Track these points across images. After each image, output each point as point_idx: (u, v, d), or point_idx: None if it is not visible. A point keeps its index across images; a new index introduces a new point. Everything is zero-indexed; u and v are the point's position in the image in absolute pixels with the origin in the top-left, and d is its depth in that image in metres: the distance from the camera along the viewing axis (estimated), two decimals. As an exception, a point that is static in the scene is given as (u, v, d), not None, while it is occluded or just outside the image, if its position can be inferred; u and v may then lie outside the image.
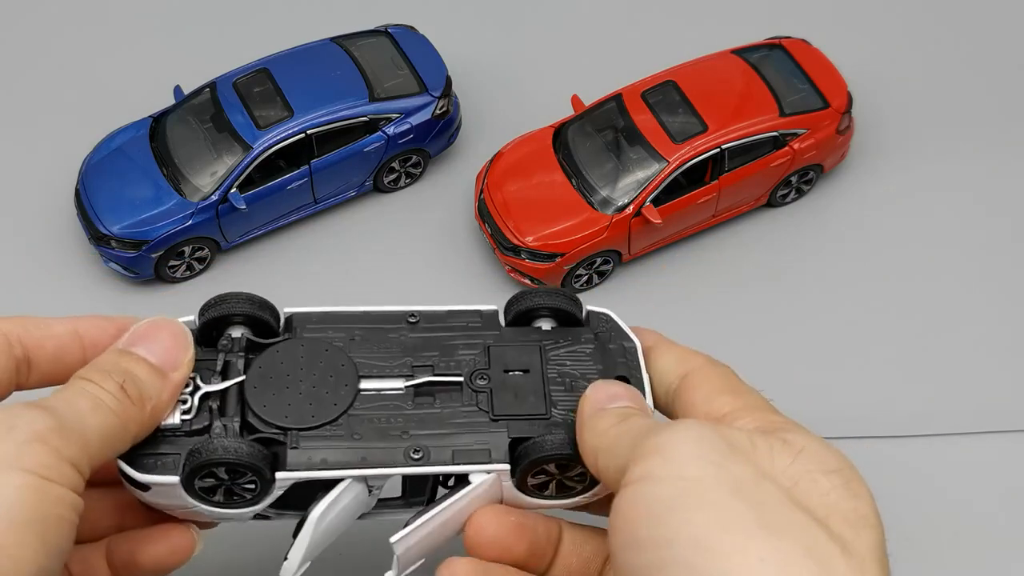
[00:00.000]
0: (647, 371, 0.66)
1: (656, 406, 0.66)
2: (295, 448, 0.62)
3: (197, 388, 0.63)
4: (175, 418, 0.62)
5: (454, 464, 0.62)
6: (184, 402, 0.62)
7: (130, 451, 0.61)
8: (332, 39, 1.17)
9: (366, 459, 0.62)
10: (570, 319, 0.68)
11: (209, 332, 0.65)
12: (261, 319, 0.65)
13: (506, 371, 0.65)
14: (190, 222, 1.08)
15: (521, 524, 0.64)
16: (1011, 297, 1.10)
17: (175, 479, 0.61)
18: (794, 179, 1.15)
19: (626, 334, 0.68)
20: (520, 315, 0.67)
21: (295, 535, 0.62)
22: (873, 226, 1.15)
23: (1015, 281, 1.11)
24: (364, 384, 0.64)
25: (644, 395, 0.65)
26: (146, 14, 1.29)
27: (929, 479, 0.98)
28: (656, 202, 1.08)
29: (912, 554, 0.66)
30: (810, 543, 0.49)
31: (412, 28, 1.20)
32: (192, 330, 0.64)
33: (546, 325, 0.68)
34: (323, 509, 0.61)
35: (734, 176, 1.10)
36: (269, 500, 0.62)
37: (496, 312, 0.68)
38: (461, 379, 0.65)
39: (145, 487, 0.61)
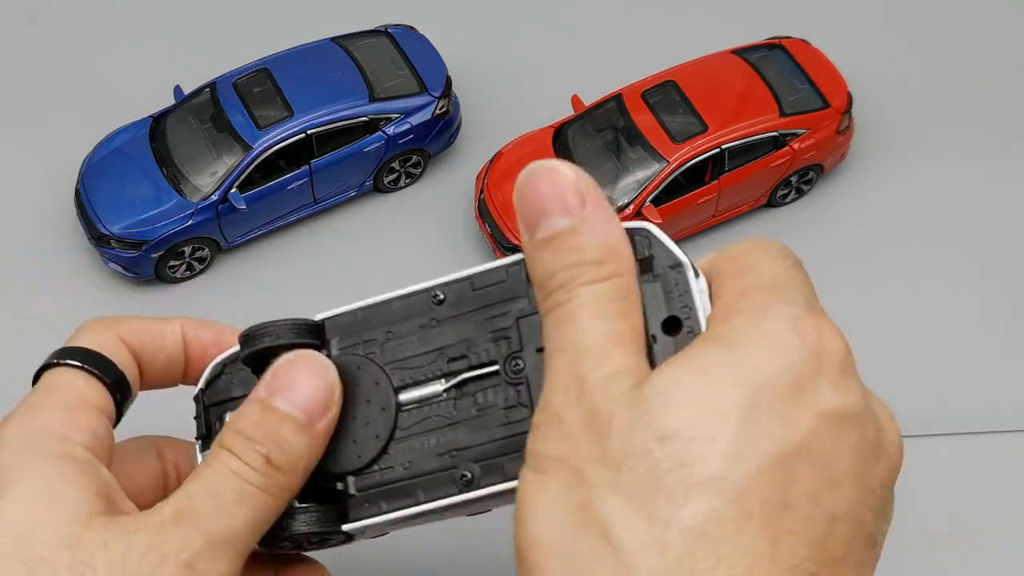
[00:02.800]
0: (705, 297, 0.51)
1: None
2: (352, 496, 0.61)
3: None
4: None
5: (504, 482, 0.61)
6: None
7: None
8: (332, 39, 1.17)
9: (420, 494, 0.61)
10: None
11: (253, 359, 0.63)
12: (304, 344, 0.61)
13: (539, 350, 0.64)
14: (190, 222, 1.08)
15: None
16: (1011, 297, 1.10)
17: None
18: (794, 179, 1.15)
19: (672, 253, 0.55)
20: None
21: None
22: (873, 226, 1.15)
23: (1015, 281, 1.11)
24: (403, 395, 0.63)
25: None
26: (146, 14, 1.29)
27: (929, 479, 0.98)
28: (656, 202, 1.08)
29: (912, 554, 0.66)
30: None
31: (412, 28, 1.20)
32: (239, 358, 0.60)
33: None
34: None
35: (734, 176, 1.10)
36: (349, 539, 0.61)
37: (521, 265, 0.60)
38: (497, 368, 0.63)
39: None
